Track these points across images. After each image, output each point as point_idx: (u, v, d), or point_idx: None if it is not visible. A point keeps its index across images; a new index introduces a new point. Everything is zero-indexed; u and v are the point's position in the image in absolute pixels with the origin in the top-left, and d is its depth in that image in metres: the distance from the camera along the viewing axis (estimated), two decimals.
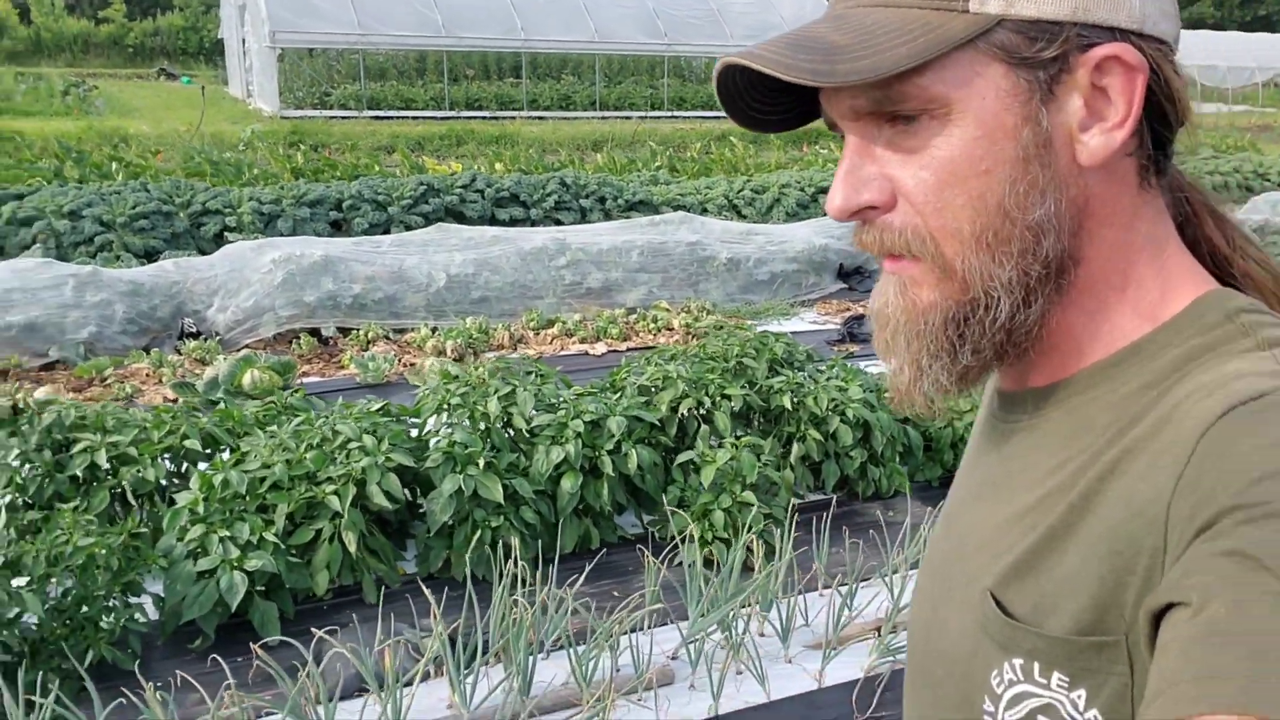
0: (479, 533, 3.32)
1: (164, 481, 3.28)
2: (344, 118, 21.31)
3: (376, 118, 21.65)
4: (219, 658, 2.71)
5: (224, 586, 2.91)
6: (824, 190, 11.05)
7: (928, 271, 0.67)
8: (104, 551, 2.77)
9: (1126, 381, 0.66)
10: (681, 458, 3.61)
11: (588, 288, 6.93)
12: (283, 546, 3.06)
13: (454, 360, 5.65)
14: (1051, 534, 0.65)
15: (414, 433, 3.67)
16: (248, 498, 3.14)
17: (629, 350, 6.21)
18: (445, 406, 3.61)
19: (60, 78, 24.99)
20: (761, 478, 3.53)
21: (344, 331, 6.15)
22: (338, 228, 8.50)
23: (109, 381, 5.14)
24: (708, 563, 3.32)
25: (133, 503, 3.18)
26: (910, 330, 0.68)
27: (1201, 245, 0.72)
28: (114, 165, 9.62)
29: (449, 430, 3.57)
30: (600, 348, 6.12)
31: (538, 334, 6.29)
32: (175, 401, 5.06)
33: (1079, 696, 0.61)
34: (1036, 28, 0.62)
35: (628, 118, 23.37)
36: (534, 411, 3.57)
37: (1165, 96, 0.66)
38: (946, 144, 0.64)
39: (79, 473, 3.14)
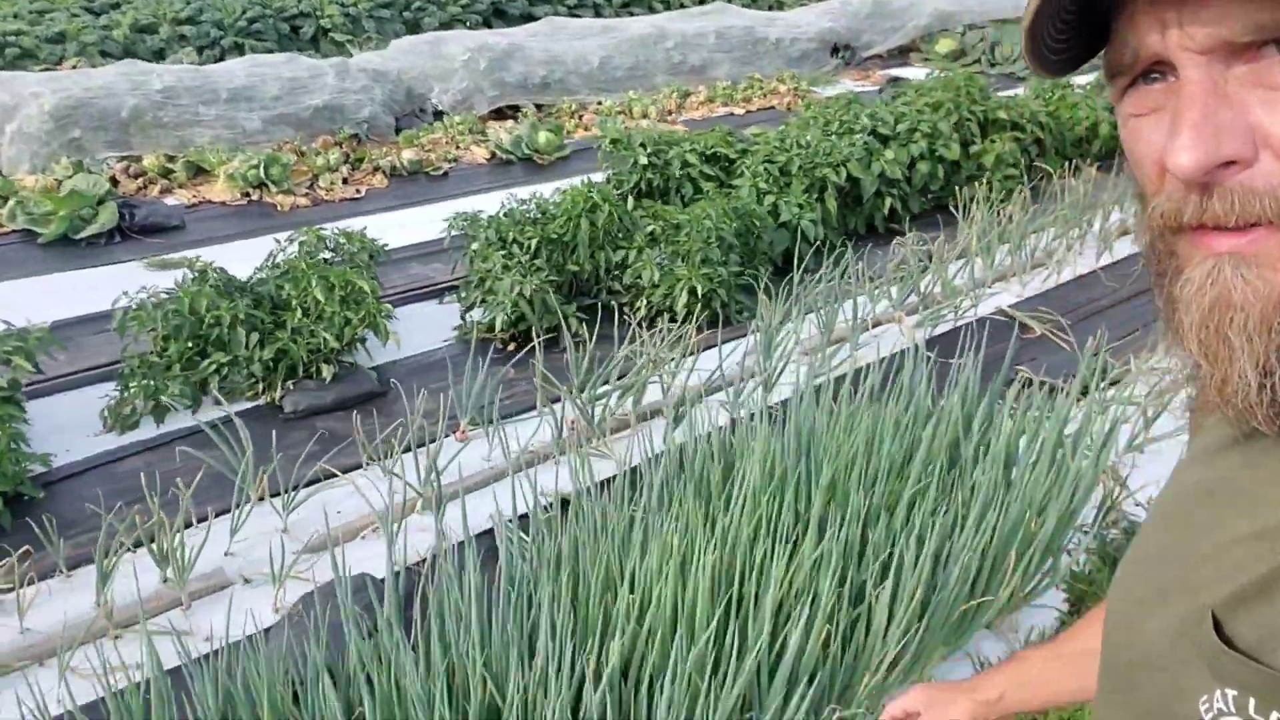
0: (887, 200, 5.19)
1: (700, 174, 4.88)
2: None
3: None
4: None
5: (804, 229, 4.64)
6: None
7: None
8: (727, 213, 4.42)
9: None
10: (974, 149, 5.60)
11: (690, 66, 8.50)
12: (807, 205, 4.80)
13: (658, 120, 7.19)
14: None
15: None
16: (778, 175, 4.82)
17: (759, 110, 7.95)
18: (830, 120, 5.34)
19: None
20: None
21: (537, 107, 7.44)
22: (407, 27, 9.34)
23: (428, 147, 6.31)
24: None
25: (704, 188, 4.76)
26: (1261, 322, 0.54)
27: None
28: None
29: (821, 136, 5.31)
30: (740, 109, 7.82)
31: (684, 101, 7.86)
32: (492, 157, 6.37)
33: None
34: None
35: None
36: (890, 120, 5.38)
37: None
38: None
39: (674, 174, 4.69)
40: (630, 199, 4.63)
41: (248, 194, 5.46)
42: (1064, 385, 3.16)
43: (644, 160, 4.64)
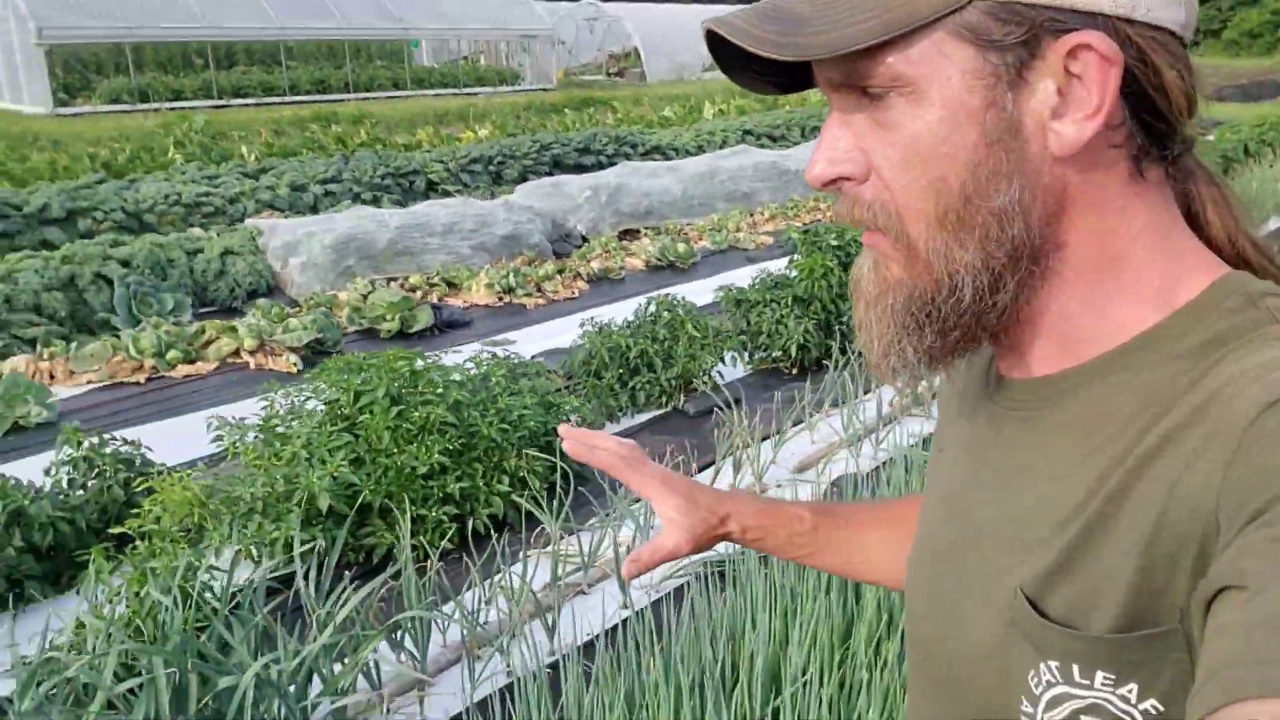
0: None
1: None
2: (118, 111, 21.42)
3: (152, 109, 21.90)
4: None
5: None
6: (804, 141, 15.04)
7: (895, 249, 0.66)
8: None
9: (1149, 369, 0.63)
10: None
11: (740, 193, 10.49)
12: None
13: (749, 232, 9.06)
14: (1088, 530, 0.62)
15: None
16: None
17: (810, 222, 9.92)
18: None
19: None
20: None
21: (653, 229, 9.24)
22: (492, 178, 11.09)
23: (602, 261, 7.97)
24: None
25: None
26: (880, 305, 0.68)
27: (1203, 232, 0.69)
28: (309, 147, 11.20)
29: None
30: (797, 223, 9.79)
31: (753, 219, 9.80)
32: (647, 265, 8.08)
33: (1129, 691, 0.60)
34: (1007, 9, 0.60)
35: (392, 97, 25.48)
36: None
37: (1154, 87, 0.62)
38: (912, 123, 0.62)
39: (852, 250, 6.49)
40: None
41: (501, 297, 6.99)
42: None
43: (834, 243, 6.43)
